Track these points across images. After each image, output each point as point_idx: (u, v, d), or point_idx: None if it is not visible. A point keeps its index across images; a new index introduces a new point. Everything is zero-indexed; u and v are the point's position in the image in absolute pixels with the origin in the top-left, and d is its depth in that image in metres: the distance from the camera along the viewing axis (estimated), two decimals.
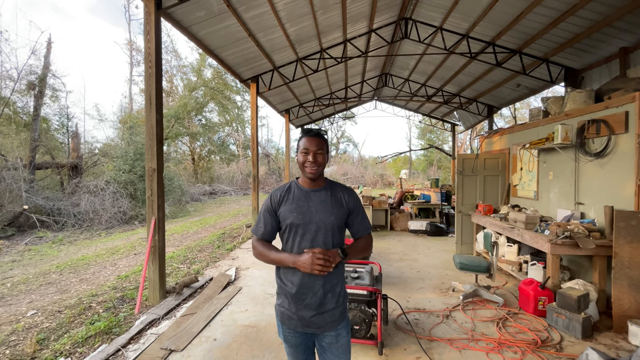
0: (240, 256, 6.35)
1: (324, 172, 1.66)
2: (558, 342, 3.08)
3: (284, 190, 1.65)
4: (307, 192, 1.62)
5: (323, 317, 1.57)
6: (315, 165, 1.57)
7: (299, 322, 1.57)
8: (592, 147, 4.04)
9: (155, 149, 3.96)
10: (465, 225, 6.32)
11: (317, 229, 1.55)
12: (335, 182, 1.72)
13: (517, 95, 9.40)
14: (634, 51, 5.47)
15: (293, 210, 1.57)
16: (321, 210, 1.58)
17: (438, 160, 32.27)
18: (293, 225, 1.56)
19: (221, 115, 26.63)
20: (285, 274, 1.59)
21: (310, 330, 1.59)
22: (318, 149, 1.58)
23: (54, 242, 8.72)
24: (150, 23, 3.95)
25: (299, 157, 1.62)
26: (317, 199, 1.61)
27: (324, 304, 1.56)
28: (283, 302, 1.61)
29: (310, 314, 1.56)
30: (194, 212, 14.90)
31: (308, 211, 1.57)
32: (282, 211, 1.59)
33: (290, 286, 1.56)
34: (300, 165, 1.60)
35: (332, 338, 1.61)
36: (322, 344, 1.64)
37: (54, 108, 14.66)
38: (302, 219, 1.56)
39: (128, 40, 22.22)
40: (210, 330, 3.37)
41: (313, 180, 1.62)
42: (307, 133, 1.61)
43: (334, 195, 1.64)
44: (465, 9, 6.19)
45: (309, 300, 1.55)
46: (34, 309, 4.03)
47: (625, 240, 3.25)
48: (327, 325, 1.58)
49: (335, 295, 1.60)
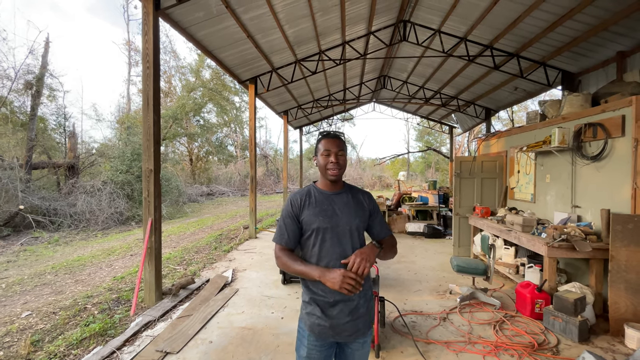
0: (237, 258, 6.33)
1: (342, 176, 1.62)
2: (555, 345, 3.08)
3: (304, 194, 1.59)
4: (328, 196, 1.58)
5: (356, 324, 1.52)
6: (337, 166, 1.54)
7: (331, 331, 1.50)
8: (589, 151, 4.06)
9: (152, 149, 3.94)
10: (463, 228, 6.33)
11: (344, 232, 1.52)
12: (352, 185, 1.70)
13: (514, 98, 9.45)
14: (630, 55, 5.51)
15: (318, 214, 1.52)
16: (346, 212, 1.55)
17: (436, 162, 32.36)
18: (320, 230, 1.50)
19: (219, 116, 26.63)
20: (317, 282, 1.49)
21: (342, 339, 1.53)
22: (339, 150, 1.55)
23: (49, 242, 8.67)
24: (149, 23, 3.94)
25: (319, 159, 1.58)
26: (340, 201, 1.57)
27: (358, 309, 1.52)
28: (314, 310, 1.51)
29: (345, 320, 1.50)
30: (191, 213, 14.86)
31: (334, 214, 1.53)
32: (306, 216, 1.53)
33: (322, 294, 1.49)
34: (322, 168, 1.56)
35: (359, 345, 1.57)
36: (346, 351, 1.59)
37: (51, 108, 14.64)
38: (328, 223, 1.51)
39: (126, 40, 22.28)
40: (207, 332, 3.35)
41: (334, 182, 1.59)
42: (327, 135, 1.58)
43: (355, 197, 1.62)
44: (463, 12, 6.22)
45: (343, 307, 1.49)
46: (28, 310, 4.00)
47: (622, 243, 3.26)
48: (359, 332, 1.53)
49: (367, 300, 1.58)
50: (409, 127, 36.15)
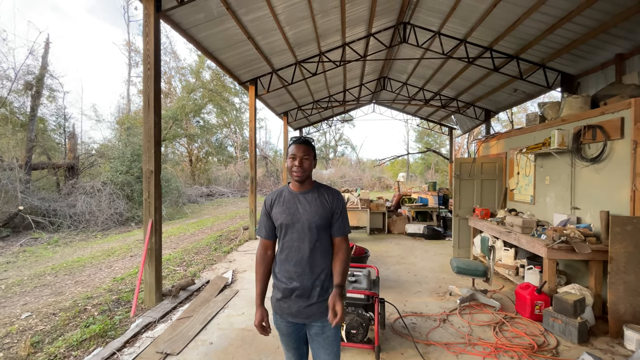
0: (237, 259, 6.33)
1: (311, 176, 1.81)
2: (554, 347, 3.08)
3: (276, 194, 1.83)
4: (295, 195, 1.78)
5: (310, 309, 1.71)
6: (301, 169, 1.72)
7: (288, 312, 1.73)
8: (588, 153, 4.07)
9: (152, 150, 3.95)
10: (463, 229, 6.33)
11: (303, 228, 1.71)
12: (322, 184, 1.87)
13: (514, 100, 9.47)
14: (629, 58, 5.53)
15: (283, 212, 1.74)
16: (307, 210, 1.73)
17: (435, 163, 32.36)
18: (283, 225, 1.74)
19: (219, 117, 26.63)
20: (280, 270, 1.77)
21: (299, 321, 1.73)
22: (304, 155, 1.73)
23: (49, 243, 8.66)
24: (150, 25, 3.95)
25: (287, 162, 1.79)
26: (305, 200, 1.76)
27: (312, 297, 1.71)
28: (276, 294, 1.78)
29: (299, 305, 1.71)
30: (191, 214, 14.85)
31: (296, 212, 1.73)
32: (274, 213, 1.78)
33: (283, 280, 1.74)
34: (289, 170, 1.77)
35: (319, 329, 1.74)
36: (310, 333, 1.78)
37: (51, 108, 14.62)
38: (290, 219, 1.72)
39: (127, 41, 22.25)
40: (207, 333, 3.35)
41: (300, 183, 1.77)
42: (296, 141, 1.77)
43: (320, 197, 1.78)
44: (463, 14, 6.24)
45: (299, 294, 1.71)
46: (28, 311, 3.99)
47: (621, 245, 3.27)
48: (315, 316, 1.72)
49: (325, 290, 1.74)
50: (409, 128, 36.19)
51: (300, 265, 1.71)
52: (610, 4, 4.77)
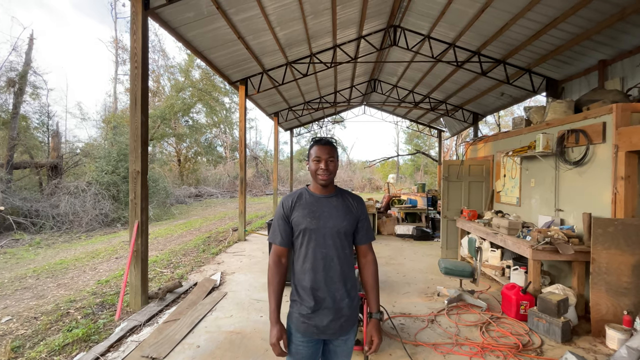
0: (225, 260, 6.26)
1: (334, 180, 1.68)
2: (539, 346, 3.14)
3: (295, 196, 1.66)
4: (318, 198, 1.64)
5: (339, 323, 1.58)
6: (327, 172, 1.59)
7: (315, 329, 1.57)
8: (571, 156, 4.18)
9: (139, 150, 3.88)
10: (451, 230, 6.42)
11: (331, 234, 1.58)
12: (343, 189, 1.75)
13: (501, 103, 9.66)
14: (612, 64, 5.70)
15: (307, 216, 1.58)
16: (334, 215, 1.60)
17: (425, 165, 32.74)
18: (307, 230, 1.58)
19: (209, 116, 26.34)
20: (300, 280, 1.60)
21: (326, 337, 1.59)
22: (329, 156, 1.60)
23: (31, 245, 8.40)
24: (137, 23, 3.88)
25: (310, 165, 1.64)
26: (329, 205, 1.63)
27: (341, 309, 1.58)
28: (300, 310, 1.59)
29: (328, 320, 1.56)
30: (179, 215, 14.64)
31: (322, 216, 1.59)
32: (295, 216, 1.60)
33: (307, 292, 1.57)
34: (313, 173, 1.63)
35: (342, 342, 1.63)
36: (330, 347, 1.65)
37: (34, 106, 14.21)
38: (316, 224, 1.57)
39: (114, 38, 21.75)
40: (194, 337, 3.30)
41: (325, 187, 1.65)
42: (319, 142, 1.64)
43: (344, 201, 1.67)
44: (452, 18, 6.33)
45: (328, 304, 1.56)
46: (8, 315, 3.87)
47: (603, 246, 3.36)
48: (342, 330, 1.60)
49: (352, 300, 1.63)
50: (399, 130, 36.54)
51: (328, 274, 1.56)
52: (595, 12, 4.91)
